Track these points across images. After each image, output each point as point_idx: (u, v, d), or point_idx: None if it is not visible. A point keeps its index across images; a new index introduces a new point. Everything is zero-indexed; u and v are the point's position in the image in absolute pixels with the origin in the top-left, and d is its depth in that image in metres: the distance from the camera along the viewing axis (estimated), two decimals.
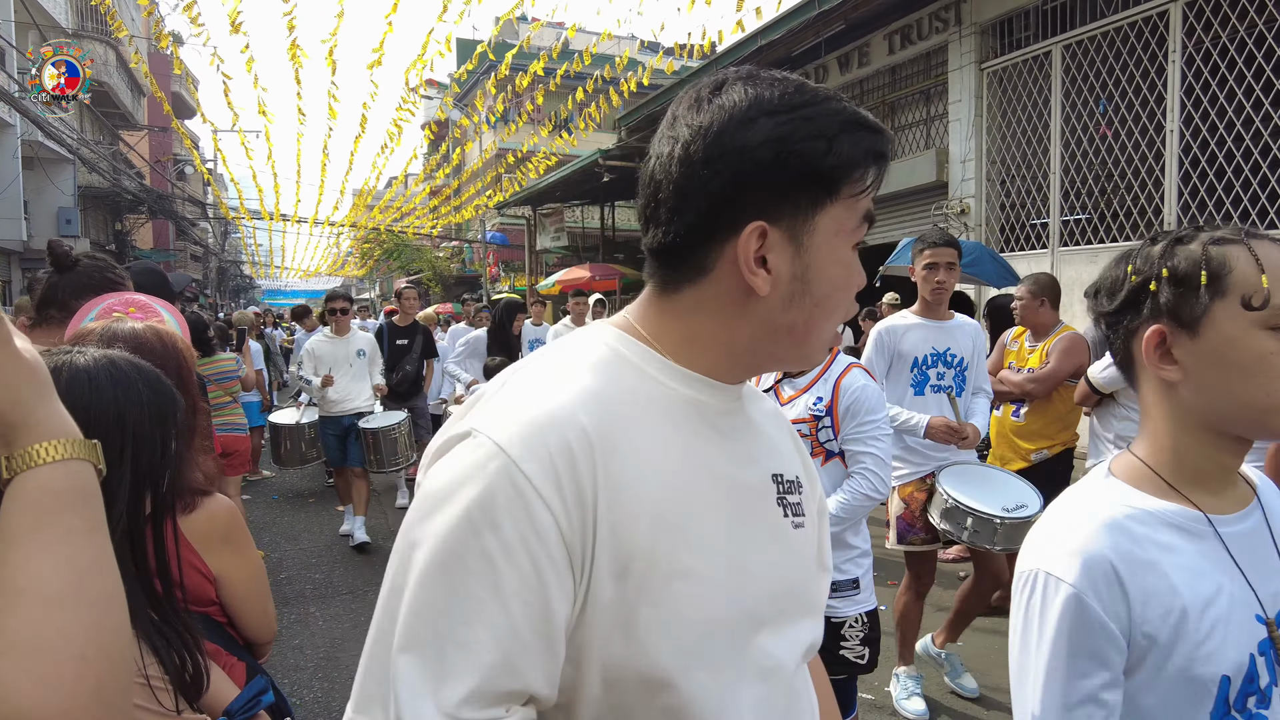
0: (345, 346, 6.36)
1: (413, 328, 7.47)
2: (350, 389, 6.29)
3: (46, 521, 0.65)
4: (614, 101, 11.95)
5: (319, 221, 22.74)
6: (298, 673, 4.09)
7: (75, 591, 0.64)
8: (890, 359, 3.61)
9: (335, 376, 6.21)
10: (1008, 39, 9.57)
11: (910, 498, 3.59)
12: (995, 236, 9.71)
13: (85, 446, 0.69)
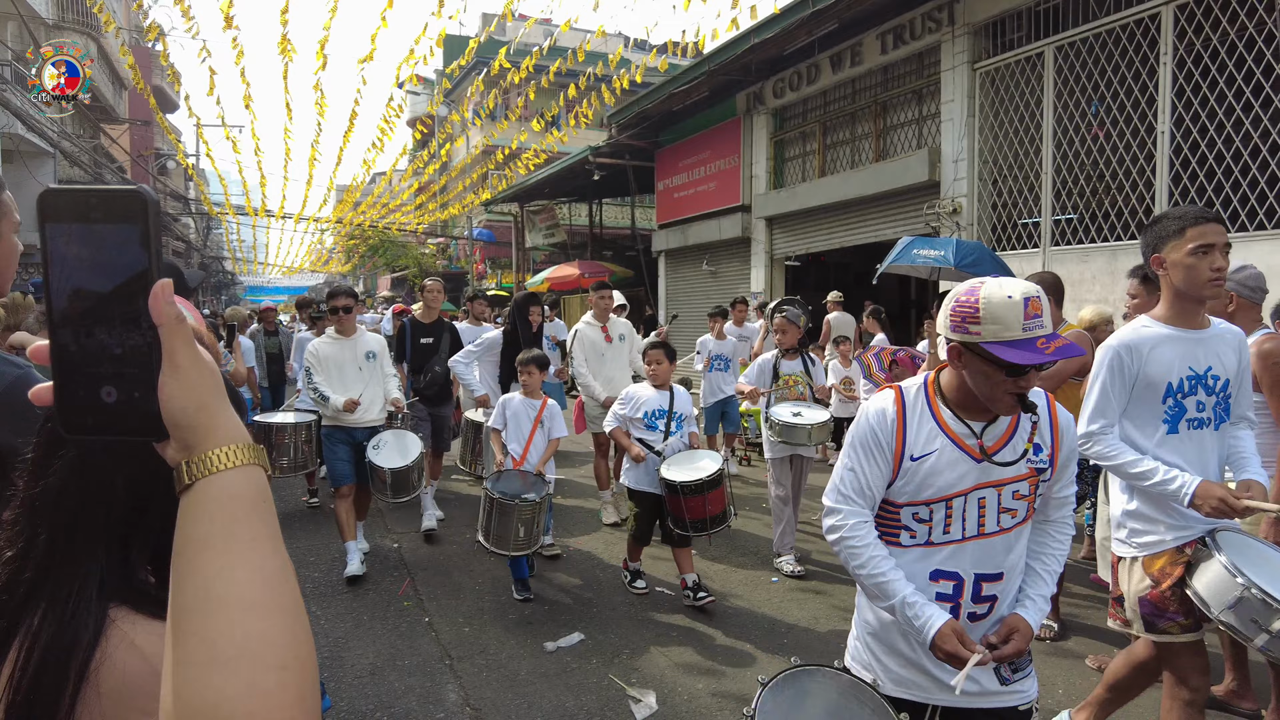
0: (353, 349, 5.57)
1: (439, 325, 6.78)
2: (362, 396, 5.52)
3: (235, 528, 0.64)
4: (605, 99, 11.94)
5: (304, 218, 22.54)
6: None
7: (270, 598, 0.63)
8: (1132, 387, 2.69)
9: (343, 382, 5.47)
10: (1000, 39, 9.64)
11: (1162, 573, 2.67)
12: (987, 236, 9.78)
13: (258, 452, 0.68)
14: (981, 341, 1.82)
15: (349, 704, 3.72)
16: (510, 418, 5.15)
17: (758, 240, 14.11)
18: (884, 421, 2.01)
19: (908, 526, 2.03)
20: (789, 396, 5.59)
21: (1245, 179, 7.25)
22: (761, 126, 13.96)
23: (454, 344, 6.74)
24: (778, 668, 1.94)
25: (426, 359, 6.66)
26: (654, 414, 5.01)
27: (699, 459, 4.84)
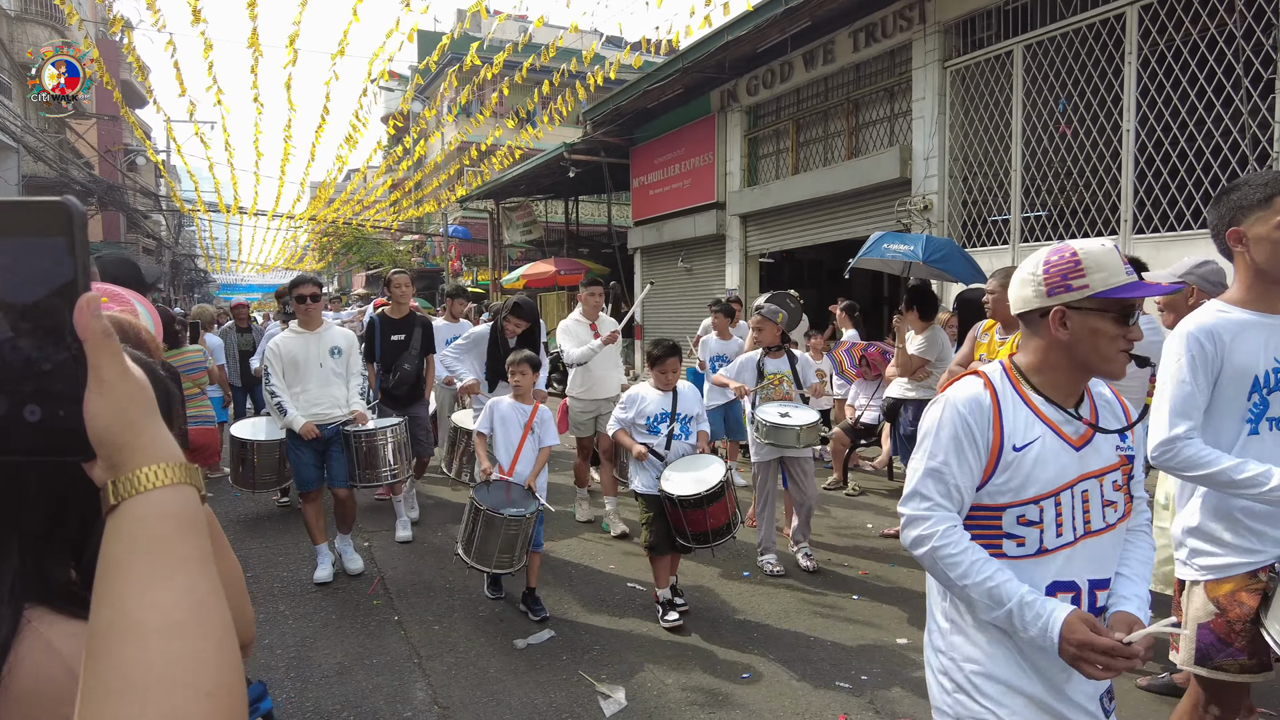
0: (316, 344, 5.21)
1: (409, 320, 6.41)
2: (322, 395, 5.20)
3: (160, 549, 0.61)
4: (579, 95, 11.92)
5: (278, 215, 22.28)
6: (268, 673, 4.00)
7: (196, 622, 0.60)
8: (1215, 378, 2.32)
9: (305, 379, 5.17)
10: (970, 38, 9.73)
11: (1231, 601, 2.32)
12: (957, 232, 9.87)
13: (190, 470, 0.66)
14: (1095, 292, 1.68)
15: (315, 704, 3.69)
16: (499, 423, 4.78)
17: (732, 237, 14.15)
18: (979, 410, 1.77)
19: (1012, 534, 1.75)
20: (774, 396, 5.39)
21: (1207, 177, 7.38)
22: (735, 124, 13.99)
23: (425, 340, 6.43)
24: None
25: (397, 356, 6.28)
26: (657, 418, 4.74)
27: (702, 466, 4.57)
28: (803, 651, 4.21)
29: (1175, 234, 7.62)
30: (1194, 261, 3.44)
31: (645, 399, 4.77)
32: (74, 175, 20.32)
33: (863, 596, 4.99)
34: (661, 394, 4.78)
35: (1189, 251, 6.30)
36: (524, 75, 12.22)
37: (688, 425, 4.76)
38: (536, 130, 13.95)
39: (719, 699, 3.71)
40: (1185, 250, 6.97)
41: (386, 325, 6.42)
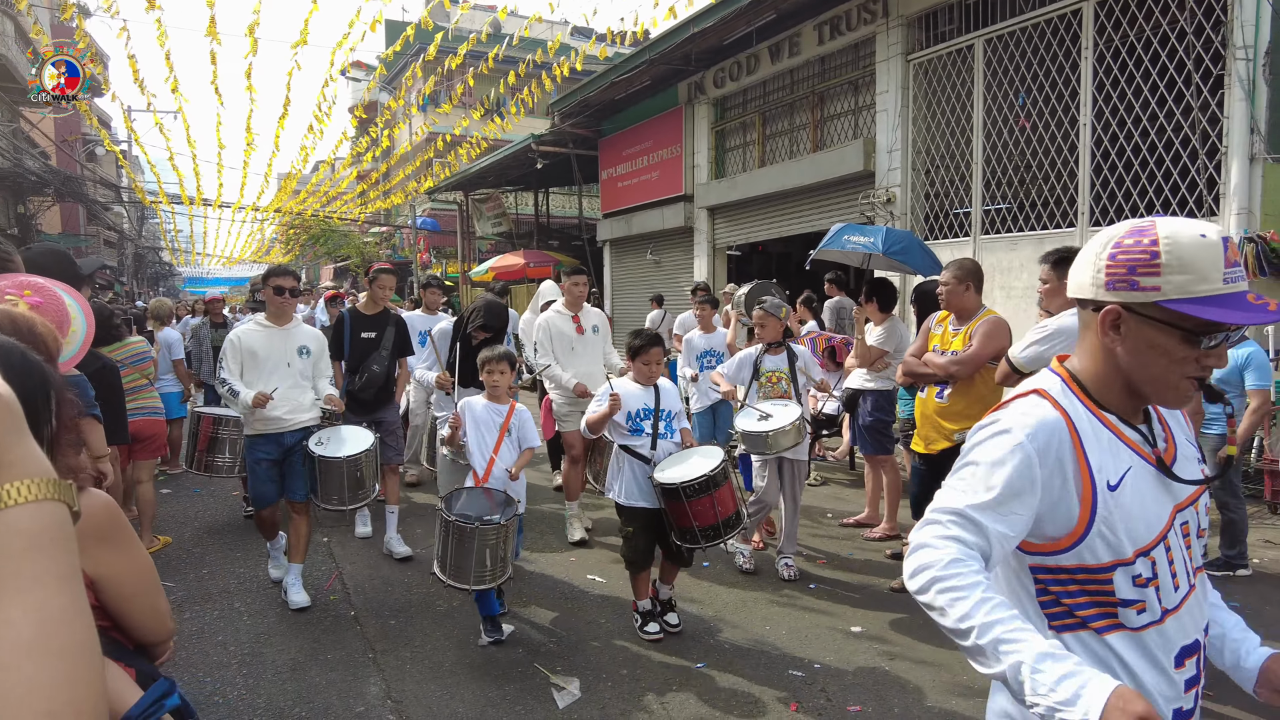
0: (284, 341, 4.72)
1: (383, 317, 5.85)
2: (284, 398, 4.64)
3: (15, 565, 0.61)
4: (546, 86, 11.85)
5: (243, 207, 21.94)
6: (221, 670, 3.96)
7: (45, 640, 0.60)
8: None
9: (266, 377, 4.63)
10: (933, 32, 9.80)
11: None
12: (920, 225, 9.97)
13: (60, 487, 0.65)
14: (1163, 299, 1.28)
15: (267, 701, 3.66)
16: (471, 425, 4.35)
17: (700, 230, 14.17)
18: (1058, 445, 1.35)
19: (1129, 599, 1.33)
20: (771, 395, 5.08)
21: (1160, 171, 7.51)
22: (703, 116, 14.00)
23: (400, 338, 5.88)
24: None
25: (366, 356, 5.69)
26: (639, 414, 4.32)
27: (696, 455, 4.25)
28: (757, 640, 4.24)
29: None
30: None
31: (625, 394, 4.34)
32: (29, 165, 19.85)
33: (819, 585, 5.03)
34: (642, 389, 4.38)
35: None
36: (490, 65, 12.12)
37: (672, 423, 4.39)
38: (504, 122, 13.85)
39: (672, 688, 3.73)
40: None
41: (357, 321, 5.81)
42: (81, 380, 2.95)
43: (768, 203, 12.56)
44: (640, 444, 4.28)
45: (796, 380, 5.11)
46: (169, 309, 9.01)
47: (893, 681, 3.81)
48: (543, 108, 17.86)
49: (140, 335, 6.92)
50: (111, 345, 5.71)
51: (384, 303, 5.90)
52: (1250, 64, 6.80)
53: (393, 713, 3.55)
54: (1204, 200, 7.24)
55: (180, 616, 4.65)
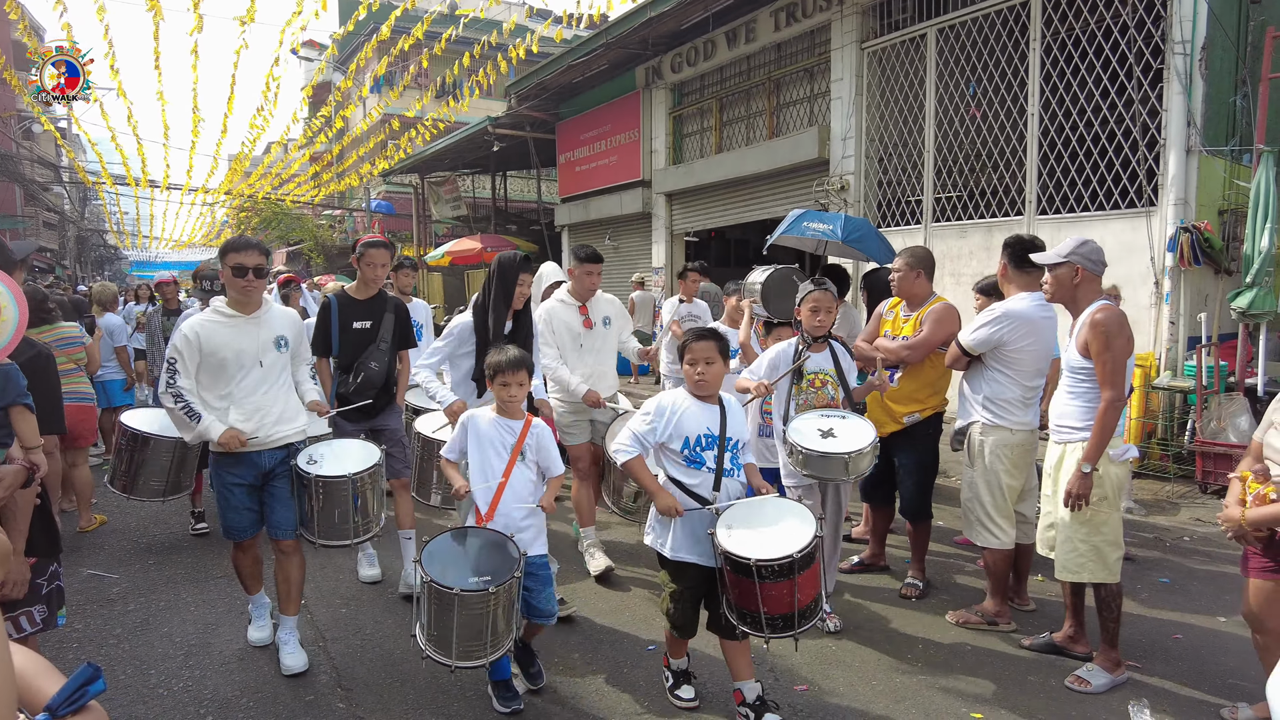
0: (255, 333, 3.70)
1: (378, 302, 4.81)
2: (263, 407, 3.70)
3: None
4: (502, 69, 11.72)
5: (192, 189, 21.36)
6: (166, 661, 3.90)
7: None
8: None
9: (235, 383, 3.66)
10: (886, 20, 9.90)
11: None
12: (873, 212, 10.10)
13: None
14: None
15: (213, 691, 3.61)
16: (475, 445, 3.43)
17: (658, 215, 14.18)
18: None
19: None
20: (815, 402, 4.14)
21: (1103, 161, 7.71)
22: (660, 101, 13.98)
23: (400, 328, 4.86)
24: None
25: (360, 351, 4.69)
26: (700, 442, 3.25)
27: (775, 515, 3.13)
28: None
29: (1075, 215, 7.95)
30: (1076, 241, 3.62)
31: (681, 412, 3.27)
32: None
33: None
34: (702, 405, 3.29)
35: (1087, 232, 6.58)
36: (444, 46, 11.95)
37: (738, 455, 3.33)
38: (459, 104, 13.68)
39: (627, 666, 3.77)
40: (1085, 231, 7.28)
41: (347, 309, 4.76)
42: (11, 369, 2.87)
43: (725, 189, 12.61)
44: (698, 482, 3.23)
45: (846, 383, 4.20)
46: (113, 294, 8.71)
47: None
48: (499, 90, 17.66)
49: (79, 320, 6.73)
50: (40, 328, 5.56)
51: (377, 284, 4.84)
52: (1187, 59, 7.00)
53: (342, 701, 3.53)
54: (1144, 191, 7.45)
55: (125, 608, 4.57)
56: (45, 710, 1.22)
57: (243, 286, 3.62)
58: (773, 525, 3.08)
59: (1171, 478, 6.84)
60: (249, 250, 3.63)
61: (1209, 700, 3.45)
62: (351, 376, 4.67)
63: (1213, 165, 7.19)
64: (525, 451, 3.41)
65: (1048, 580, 4.58)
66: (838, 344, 4.24)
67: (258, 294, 3.70)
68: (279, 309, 3.91)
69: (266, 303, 3.81)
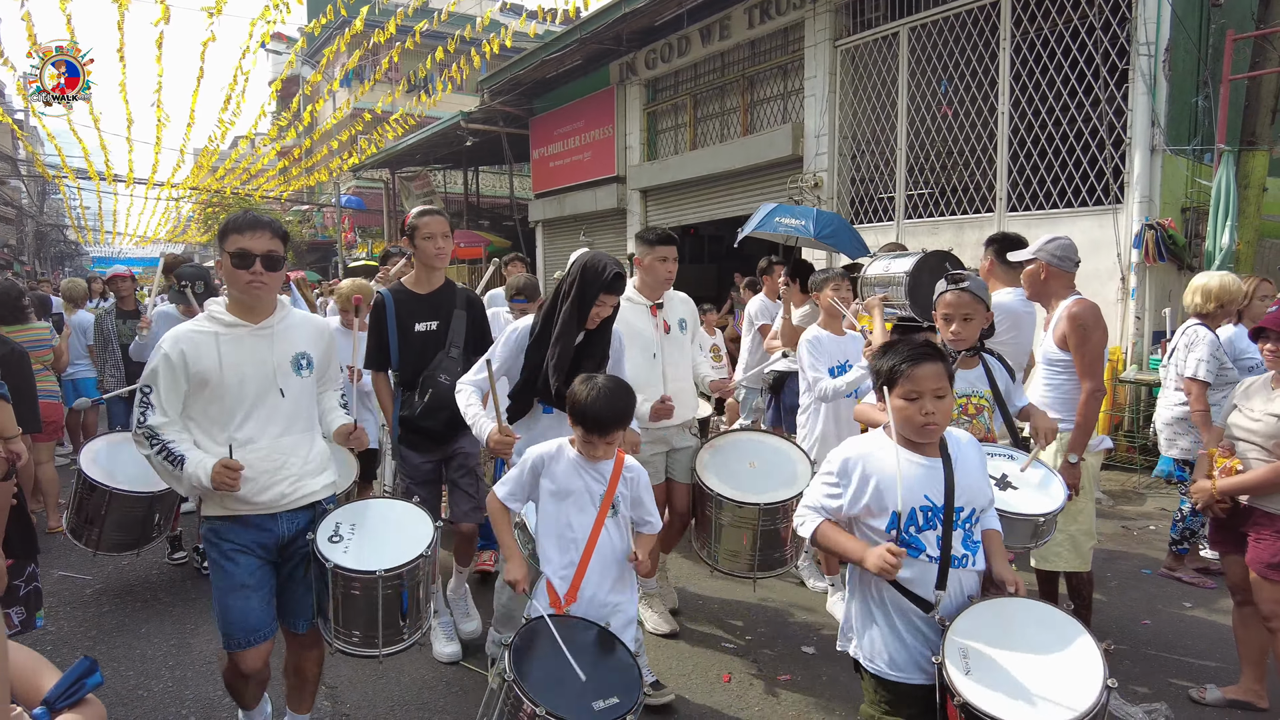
0: (266, 349, 2.69)
1: (445, 295, 3.80)
2: (284, 453, 2.68)
3: None
4: (475, 63, 11.66)
5: (158, 183, 20.98)
6: (145, 663, 3.86)
7: None
8: None
9: (237, 414, 2.62)
10: (860, 18, 10.00)
11: None
12: (846, 209, 10.20)
13: None
14: None
15: (195, 693, 3.59)
16: (551, 497, 2.67)
17: (633, 212, 14.19)
18: None
19: None
20: (970, 433, 2.77)
21: (1071, 159, 7.86)
22: (635, 97, 13.98)
23: (476, 328, 3.85)
24: None
25: (426, 362, 3.69)
26: (916, 518, 2.19)
27: (1031, 629, 2.09)
28: (690, 613, 4.34)
29: (1044, 212, 8.10)
30: (1046, 238, 3.71)
31: (884, 473, 2.21)
32: None
33: None
34: (919, 461, 2.24)
35: (1056, 228, 6.71)
36: (417, 40, 11.86)
37: (972, 530, 2.26)
38: (431, 98, 13.59)
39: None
40: (1054, 228, 7.42)
41: (406, 307, 3.73)
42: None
43: (699, 185, 12.66)
44: (913, 575, 2.18)
45: (1006, 409, 3.23)
46: (83, 290, 8.55)
47: None
48: (471, 85, 17.54)
49: (47, 319, 6.66)
50: (13, 327, 5.52)
51: (441, 266, 3.78)
52: (1152, 60, 7.16)
53: (326, 698, 3.53)
54: (1110, 188, 7.61)
55: (99, 610, 4.52)
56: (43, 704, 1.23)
57: (248, 282, 2.56)
58: (1035, 652, 2.01)
59: (1138, 469, 7.01)
60: (258, 230, 2.58)
61: (1177, 683, 3.56)
62: (417, 395, 3.67)
63: (1176, 164, 7.37)
64: (618, 503, 2.66)
65: (1021, 569, 4.69)
66: (993, 358, 3.26)
67: (270, 293, 2.64)
68: (300, 315, 2.82)
69: (283, 306, 2.76)
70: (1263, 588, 3.05)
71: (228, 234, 2.61)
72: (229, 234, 2.60)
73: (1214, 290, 4.60)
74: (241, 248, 2.57)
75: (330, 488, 2.86)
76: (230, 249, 2.58)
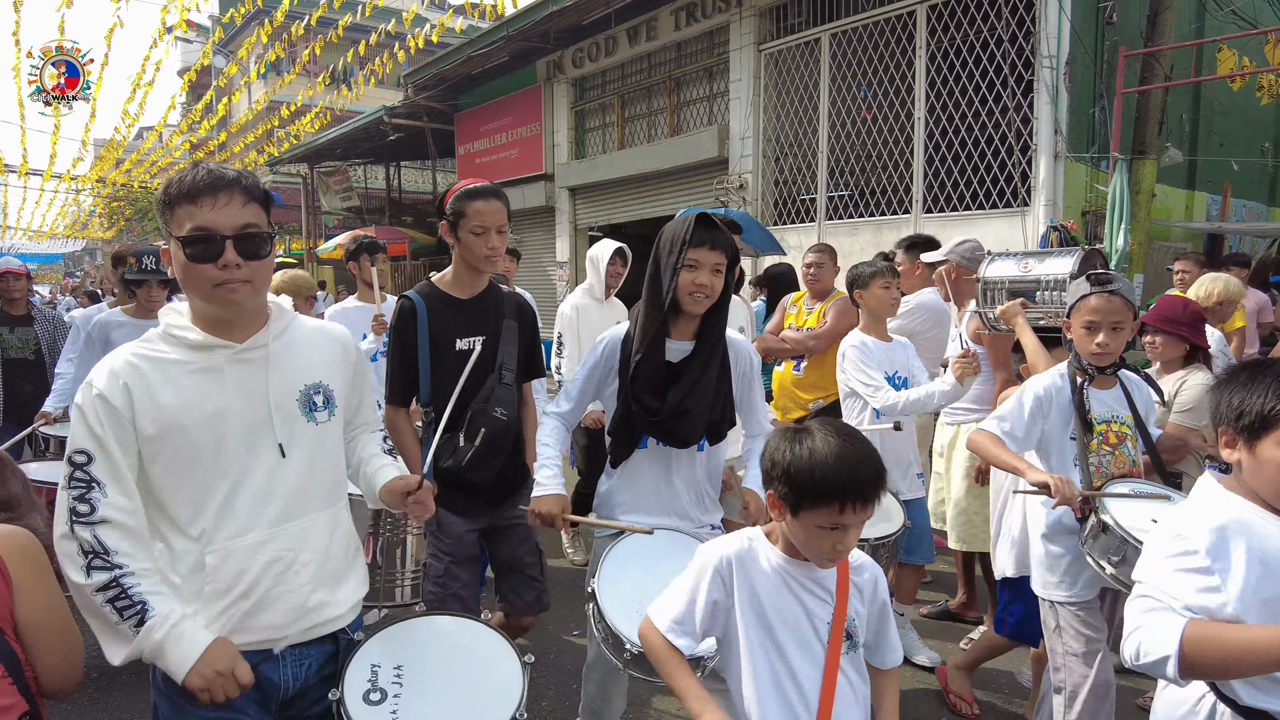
0: (262, 380, 1.71)
1: (492, 299, 2.90)
2: (288, 548, 1.70)
3: None
4: (400, 58, 11.52)
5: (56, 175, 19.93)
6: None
7: None
8: None
9: (228, 493, 1.65)
10: (783, 23, 10.28)
11: None
12: (770, 210, 10.48)
13: None
14: None
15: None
16: (751, 620, 1.69)
17: (561, 210, 14.22)
18: None
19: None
20: (1113, 468, 2.60)
21: (983, 164, 8.28)
22: (562, 95, 14.01)
23: (530, 346, 2.97)
24: None
25: (474, 390, 2.73)
26: None
27: None
28: None
29: (958, 214, 8.50)
30: (957, 240, 3.97)
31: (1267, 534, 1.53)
32: None
33: None
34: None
35: (969, 231, 7.06)
36: (340, 34, 11.63)
37: None
38: (353, 92, 13.33)
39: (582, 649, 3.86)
40: (967, 229, 7.81)
41: (442, 316, 2.80)
42: None
43: (627, 185, 12.78)
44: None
45: (1147, 435, 2.69)
46: None
47: None
48: (394, 79, 17.26)
49: None
50: None
51: (493, 265, 2.84)
52: (1054, 72, 7.61)
53: None
54: (1019, 192, 8.06)
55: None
56: None
57: (217, 285, 1.61)
58: None
59: None
60: (220, 194, 1.60)
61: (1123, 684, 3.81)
62: (464, 437, 2.70)
63: (1077, 170, 7.85)
64: (852, 630, 1.71)
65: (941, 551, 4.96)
66: (1133, 375, 2.77)
67: (255, 294, 1.68)
68: (310, 326, 1.88)
69: (281, 313, 1.79)
70: None
71: (174, 205, 1.60)
72: (175, 204, 1.60)
73: None
74: (199, 226, 1.57)
75: (355, 608, 1.85)
76: (179, 230, 1.58)
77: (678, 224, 2.39)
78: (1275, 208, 11.28)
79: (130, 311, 4.10)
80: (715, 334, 2.40)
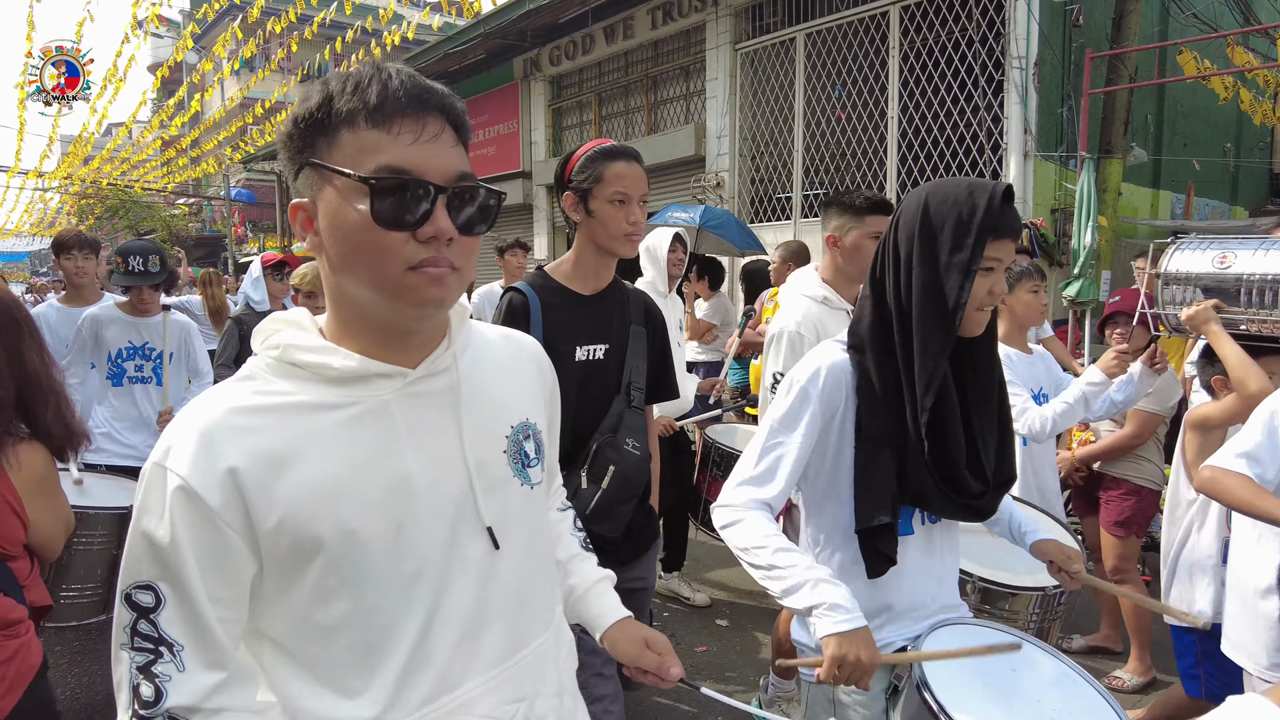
0: (452, 422, 1.09)
1: (617, 298, 2.36)
2: (521, 694, 1.13)
3: None
4: (375, 55, 11.49)
5: (22, 172, 19.62)
6: None
7: None
8: None
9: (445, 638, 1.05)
10: (759, 23, 10.38)
11: None
12: (746, 209, 10.59)
13: None
14: None
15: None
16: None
17: (539, 207, 14.25)
18: None
19: None
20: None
21: (955, 162, 8.43)
22: (539, 93, 14.03)
23: (660, 358, 2.42)
24: None
25: (596, 413, 2.19)
26: None
27: None
28: None
29: None
30: None
31: None
32: None
33: None
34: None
35: None
36: (315, 30, 11.59)
37: None
38: None
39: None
40: None
41: (560, 315, 2.25)
42: None
43: None
44: None
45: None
46: None
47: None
48: None
49: None
50: None
51: (633, 248, 2.29)
52: (1023, 73, 7.76)
53: None
54: None
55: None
56: None
57: (414, 267, 1.02)
58: None
59: None
60: (433, 119, 1.03)
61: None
62: (586, 476, 2.13)
63: (1046, 169, 8.01)
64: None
65: None
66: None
67: (460, 288, 1.10)
68: (491, 332, 1.30)
69: (461, 317, 1.19)
70: (1109, 543, 3.47)
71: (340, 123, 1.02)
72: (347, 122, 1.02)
73: None
74: (395, 166, 1.00)
75: None
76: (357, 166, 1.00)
77: (960, 199, 1.54)
78: (1237, 206, 11.57)
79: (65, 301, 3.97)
80: (989, 346, 1.68)
